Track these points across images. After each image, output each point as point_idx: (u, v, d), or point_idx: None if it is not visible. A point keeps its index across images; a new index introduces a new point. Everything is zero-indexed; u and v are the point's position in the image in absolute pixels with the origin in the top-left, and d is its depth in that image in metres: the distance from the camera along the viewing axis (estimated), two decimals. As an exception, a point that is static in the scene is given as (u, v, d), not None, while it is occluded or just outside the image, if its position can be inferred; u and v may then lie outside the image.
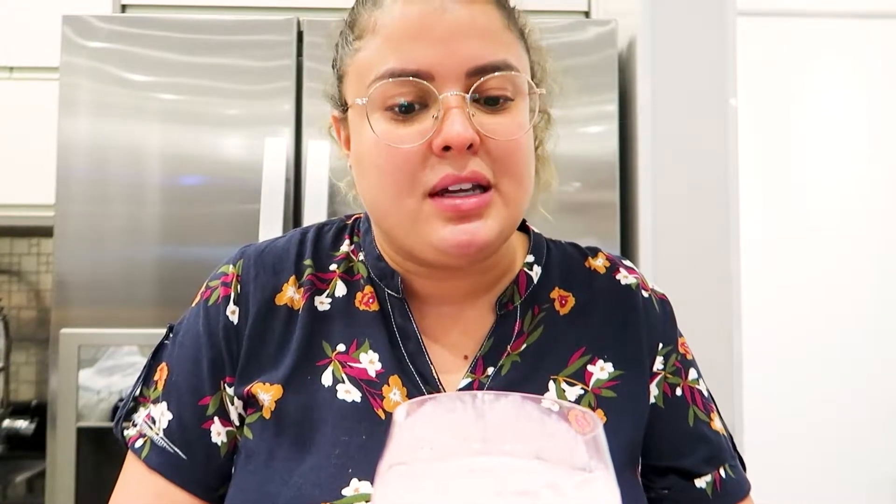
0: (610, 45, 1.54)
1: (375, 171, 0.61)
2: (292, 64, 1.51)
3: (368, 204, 0.65)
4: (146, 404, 0.68)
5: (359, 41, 0.63)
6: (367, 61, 0.61)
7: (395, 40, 0.59)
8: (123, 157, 1.48)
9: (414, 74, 0.58)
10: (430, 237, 0.59)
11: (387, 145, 0.59)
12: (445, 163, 0.58)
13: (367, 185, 0.63)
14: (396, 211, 0.60)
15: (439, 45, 0.58)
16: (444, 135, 0.57)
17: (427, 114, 0.59)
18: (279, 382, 0.64)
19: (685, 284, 1.45)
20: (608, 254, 0.76)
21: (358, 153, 0.64)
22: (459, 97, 0.58)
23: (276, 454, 0.61)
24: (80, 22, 1.50)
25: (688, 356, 0.73)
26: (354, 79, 0.63)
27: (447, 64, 0.58)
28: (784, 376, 2.48)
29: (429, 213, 0.59)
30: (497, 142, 0.59)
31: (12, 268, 2.24)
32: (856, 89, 2.58)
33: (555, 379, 0.65)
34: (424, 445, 0.32)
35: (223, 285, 0.68)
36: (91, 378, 1.43)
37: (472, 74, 0.59)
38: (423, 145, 0.58)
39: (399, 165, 0.59)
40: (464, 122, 0.57)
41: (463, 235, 0.59)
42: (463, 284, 0.67)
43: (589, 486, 0.30)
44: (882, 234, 2.55)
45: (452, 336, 0.67)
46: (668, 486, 0.69)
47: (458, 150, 0.58)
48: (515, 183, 0.61)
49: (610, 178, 1.52)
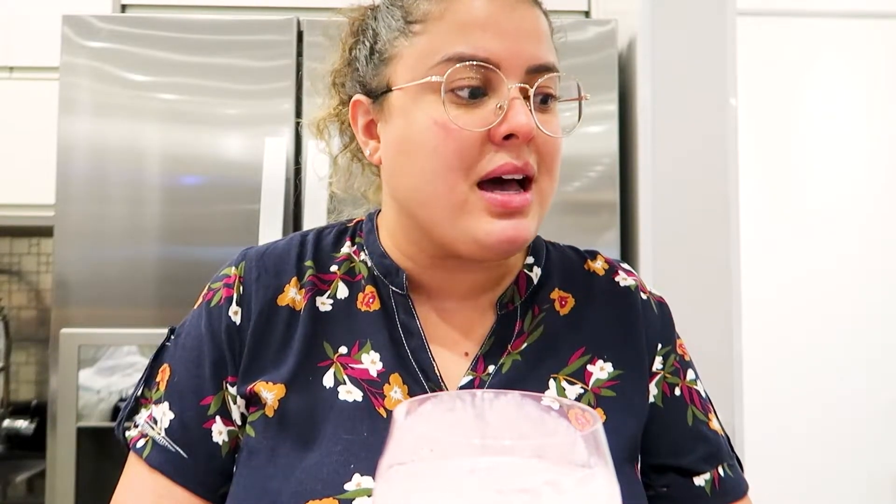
0: (610, 45, 1.54)
1: (429, 153, 0.60)
2: (292, 64, 1.51)
3: (408, 190, 0.64)
4: (148, 405, 0.68)
5: (419, 25, 0.63)
6: (431, 45, 0.61)
7: (466, 27, 0.60)
8: (123, 157, 1.48)
9: (485, 61, 0.59)
10: (475, 230, 0.60)
11: (447, 127, 0.59)
12: (504, 151, 0.60)
13: (412, 169, 0.62)
14: (446, 196, 0.60)
15: (507, 38, 0.60)
16: (512, 122, 0.58)
17: (488, 102, 0.60)
18: (282, 382, 0.64)
19: (685, 284, 1.45)
20: (607, 257, 0.77)
21: (403, 137, 0.63)
22: (525, 89, 0.60)
23: (279, 451, 0.62)
24: (80, 22, 1.50)
25: (686, 357, 0.74)
26: (411, 61, 0.63)
27: (513, 57, 0.60)
28: (784, 375, 2.48)
29: (476, 205, 0.60)
30: (545, 139, 0.61)
31: (12, 268, 2.24)
32: (856, 89, 2.58)
33: (555, 378, 0.66)
34: (424, 445, 0.33)
35: (225, 287, 0.68)
36: (91, 378, 1.43)
37: (531, 72, 0.61)
38: (484, 133, 0.59)
39: (458, 148, 0.59)
40: (528, 113, 0.59)
41: (510, 231, 0.60)
42: (468, 279, 0.68)
43: (589, 483, 0.31)
44: (882, 234, 2.55)
45: (454, 334, 0.68)
46: (667, 483, 0.69)
47: (523, 140, 0.59)
48: (551, 181, 0.64)
49: (610, 178, 1.52)
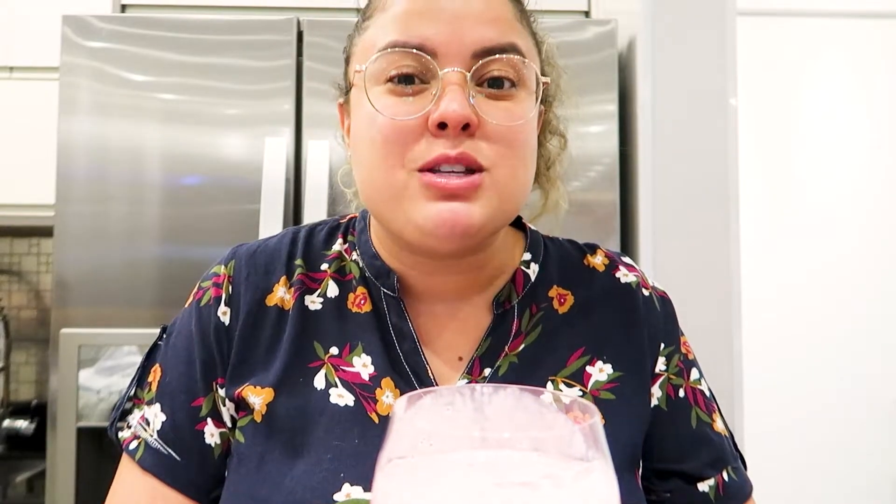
0: (610, 45, 1.54)
1: (369, 144, 0.59)
2: (292, 64, 1.51)
3: (360, 183, 0.63)
4: (140, 406, 0.67)
5: (368, 20, 0.63)
6: (373, 37, 0.61)
7: (402, 15, 0.59)
8: (123, 157, 1.48)
9: (417, 47, 0.57)
10: (415, 215, 0.58)
11: (382, 117, 0.58)
12: (440, 142, 0.57)
13: (359, 160, 0.62)
14: (386, 184, 0.59)
15: (446, 23, 0.58)
16: (441, 111, 0.56)
17: (428, 91, 0.58)
18: (270, 385, 0.63)
19: (685, 283, 1.44)
20: (607, 251, 0.74)
21: (355, 131, 0.63)
22: (460, 74, 0.57)
23: (268, 458, 0.61)
24: (80, 22, 1.50)
25: (689, 356, 0.72)
26: (359, 55, 0.63)
27: (452, 42, 0.57)
28: (784, 375, 2.48)
29: (415, 189, 0.58)
30: (497, 127, 0.58)
31: (12, 268, 2.24)
32: (856, 89, 2.58)
33: (553, 380, 0.64)
34: (423, 439, 0.32)
35: (215, 286, 0.67)
36: (91, 378, 1.43)
37: (478, 56, 0.58)
38: (419, 120, 0.57)
39: (393, 138, 0.58)
40: (462, 100, 0.56)
41: (447, 214, 0.56)
42: (458, 280, 0.66)
43: (587, 477, 0.30)
44: (882, 234, 2.55)
45: (448, 336, 0.66)
46: (670, 489, 0.68)
47: (454, 129, 0.56)
48: (510, 172, 0.59)
49: (610, 178, 1.52)
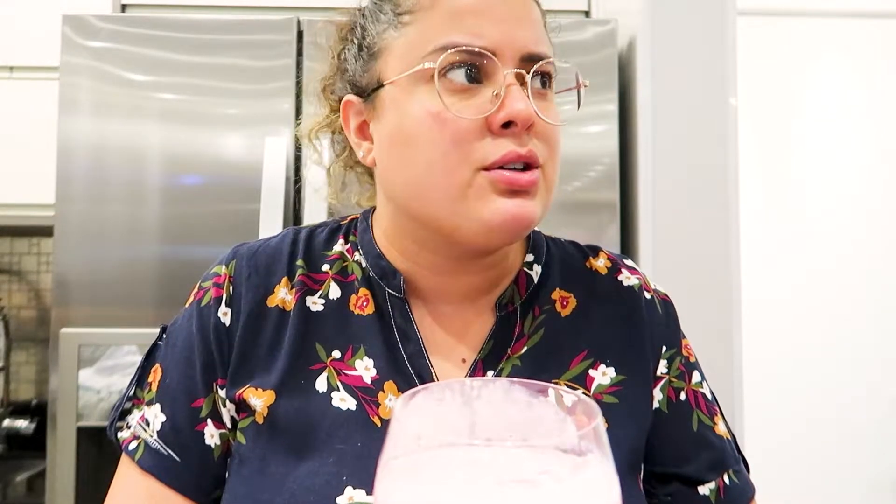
0: (610, 45, 1.54)
1: (425, 144, 0.58)
2: (292, 64, 1.51)
3: (404, 184, 0.61)
4: (140, 406, 0.67)
5: (408, 15, 0.61)
6: (423, 35, 0.59)
7: (459, 15, 0.58)
8: (123, 157, 1.48)
9: (480, 48, 0.58)
10: (482, 211, 0.58)
11: (443, 116, 0.57)
12: (505, 140, 0.58)
13: (407, 162, 0.60)
14: (445, 184, 0.58)
15: (501, 24, 0.58)
16: (510, 110, 0.57)
17: (484, 90, 0.58)
18: (271, 388, 0.62)
19: (685, 284, 1.44)
20: (609, 253, 0.74)
21: (397, 131, 0.61)
22: (522, 75, 0.58)
23: (270, 460, 0.60)
24: (80, 22, 1.50)
25: (691, 359, 0.72)
26: (402, 52, 0.61)
27: (508, 44, 0.58)
28: (784, 376, 2.48)
29: (482, 186, 0.58)
30: (545, 125, 0.60)
31: (12, 268, 2.24)
32: (856, 89, 2.58)
33: (556, 383, 0.64)
34: (416, 438, 0.33)
35: (215, 286, 0.67)
36: (91, 378, 1.43)
37: (526, 59, 0.59)
38: (481, 120, 0.57)
39: (455, 137, 0.57)
40: (527, 99, 0.57)
41: (518, 209, 0.57)
42: (469, 280, 0.66)
43: (583, 470, 0.31)
44: (882, 234, 2.54)
45: (451, 338, 0.66)
46: (670, 492, 0.67)
47: (522, 127, 0.57)
48: (555, 168, 0.62)
49: (610, 178, 1.52)
